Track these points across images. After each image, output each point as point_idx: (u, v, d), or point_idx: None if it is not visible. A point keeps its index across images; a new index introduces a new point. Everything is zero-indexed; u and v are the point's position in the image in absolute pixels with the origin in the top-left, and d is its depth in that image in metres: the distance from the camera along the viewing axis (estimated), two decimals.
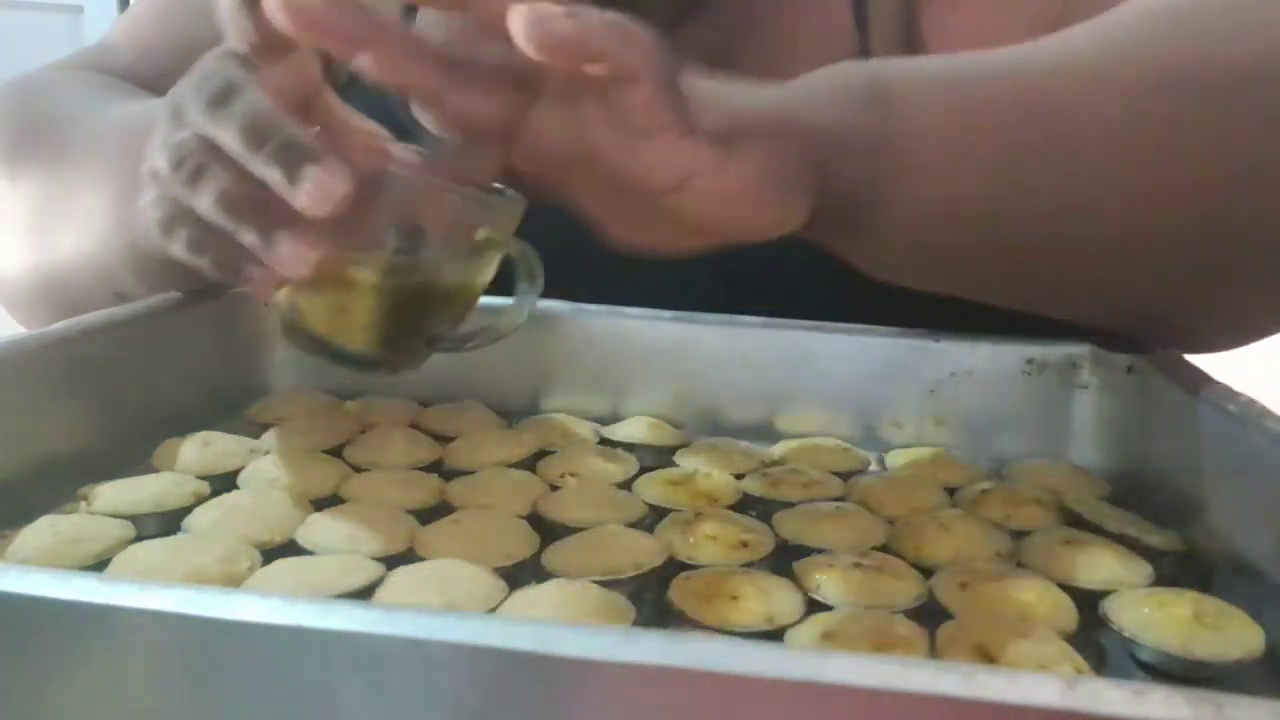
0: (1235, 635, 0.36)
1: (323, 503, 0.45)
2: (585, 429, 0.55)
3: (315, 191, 0.38)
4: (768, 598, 0.37)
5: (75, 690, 0.26)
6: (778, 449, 0.54)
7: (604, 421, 0.56)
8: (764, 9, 0.66)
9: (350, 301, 0.44)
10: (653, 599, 0.38)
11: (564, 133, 0.42)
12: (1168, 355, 0.51)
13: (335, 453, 0.51)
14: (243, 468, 0.48)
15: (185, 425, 0.51)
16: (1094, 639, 0.37)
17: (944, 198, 0.46)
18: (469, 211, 0.45)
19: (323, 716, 0.25)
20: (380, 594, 0.37)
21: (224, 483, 0.46)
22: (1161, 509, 0.47)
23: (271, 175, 0.39)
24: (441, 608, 0.36)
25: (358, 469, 0.49)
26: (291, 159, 0.39)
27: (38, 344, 0.46)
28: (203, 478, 0.46)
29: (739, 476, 0.50)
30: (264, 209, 0.40)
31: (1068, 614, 0.38)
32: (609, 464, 0.50)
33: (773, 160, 0.43)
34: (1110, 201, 0.46)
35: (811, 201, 0.44)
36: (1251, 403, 0.43)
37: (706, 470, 0.49)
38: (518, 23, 0.37)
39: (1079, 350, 0.55)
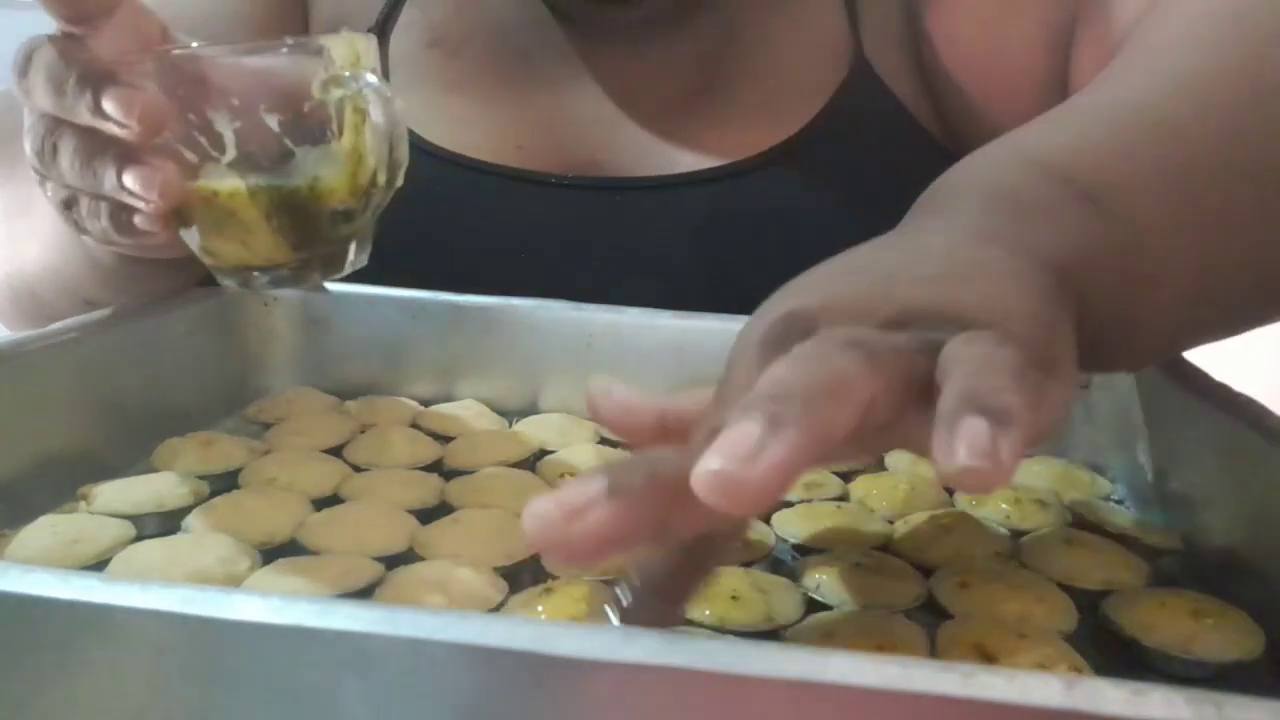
0: (1235, 635, 0.36)
1: (323, 502, 0.45)
2: (585, 429, 0.55)
3: (120, 109, 0.39)
4: (767, 597, 0.37)
5: (75, 690, 0.26)
6: None
7: None
8: (757, 8, 0.66)
9: (237, 217, 0.44)
10: None
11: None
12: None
13: (335, 452, 0.51)
14: (243, 467, 0.48)
15: (185, 425, 0.51)
16: (1094, 639, 0.37)
17: (1193, 279, 0.39)
18: (299, 68, 0.42)
19: (323, 716, 0.25)
20: (380, 594, 0.37)
21: (224, 482, 0.46)
22: (1162, 509, 0.48)
23: (80, 113, 0.40)
24: (441, 608, 0.36)
25: (358, 469, 0.49)
26: (93, 91, 0.39)
27: (38, 344, 0.46)
28: (203, 477, 0.46)
29: None
30: (105, 154, 0.41)
31: (1067, 614, 0.38)
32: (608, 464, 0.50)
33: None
34: None
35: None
36: (1251, 402, 0.43)
37: None
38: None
39: None
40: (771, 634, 0.36)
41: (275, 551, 0.40)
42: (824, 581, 0.39)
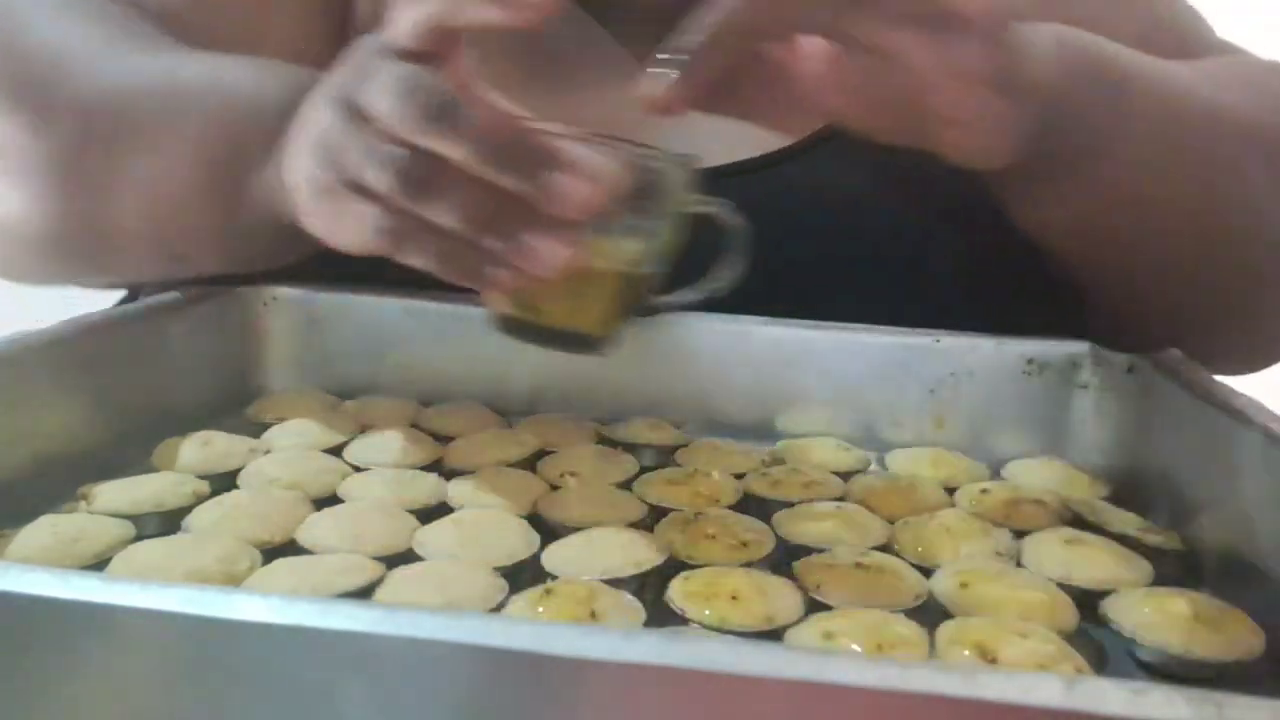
0: (1235, 635, 0.36)
1: (323, 502, 0.45)
2: (585, 429, 0.55)
3: (573, 195, 0.39)
4: (768, 597, 0.37)
5: (76, 689, 0.26)
6: (778, 449, 0.54)
7: (604, 421, 0.56)
8: None
9: (590, 287, 0.45)
10: (652, 599, 0.38)
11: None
12: (1168, 355, 0.51)
13: (335, 452, 0.51)
14: (242, 467, 0.48)
15: (185, 425, 0.51)
16: (1094, 639, 0.37)
17: (1149, 169, 0.52)
18: (673, 174, 0.45)
19: (323, 716, 0.25)
20: (380, 594, 0.37)
21: (224, 482, 0.46)
22: (1161, 509, 0.47)
23: (520, 186, 0.39)
24: (442, 607, 0.36)
25: (358, 468, 0.49)
26: (534, 166, 0.39)
27: (38, 344, 0.46)
28: (202, 477, 0.46)
29: (739, 476, 0.50)
30: (506, 214, 0.40)
31: (1068, 614, 0.38)
32: (609, 464, 0.50)
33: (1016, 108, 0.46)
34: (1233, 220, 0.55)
35: (1021, 138, 0.47)
36: (1251, 402, 0.43)
37: (706, 470, 0.49)
38: None
39: (1079, 350, 0.56)
40: (772, 634, 0.36)
41: (275, 551, 0.40)
42: (824, 581, 0.39)
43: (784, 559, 0.42)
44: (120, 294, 0.67)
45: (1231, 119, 0.55)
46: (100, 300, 0.58)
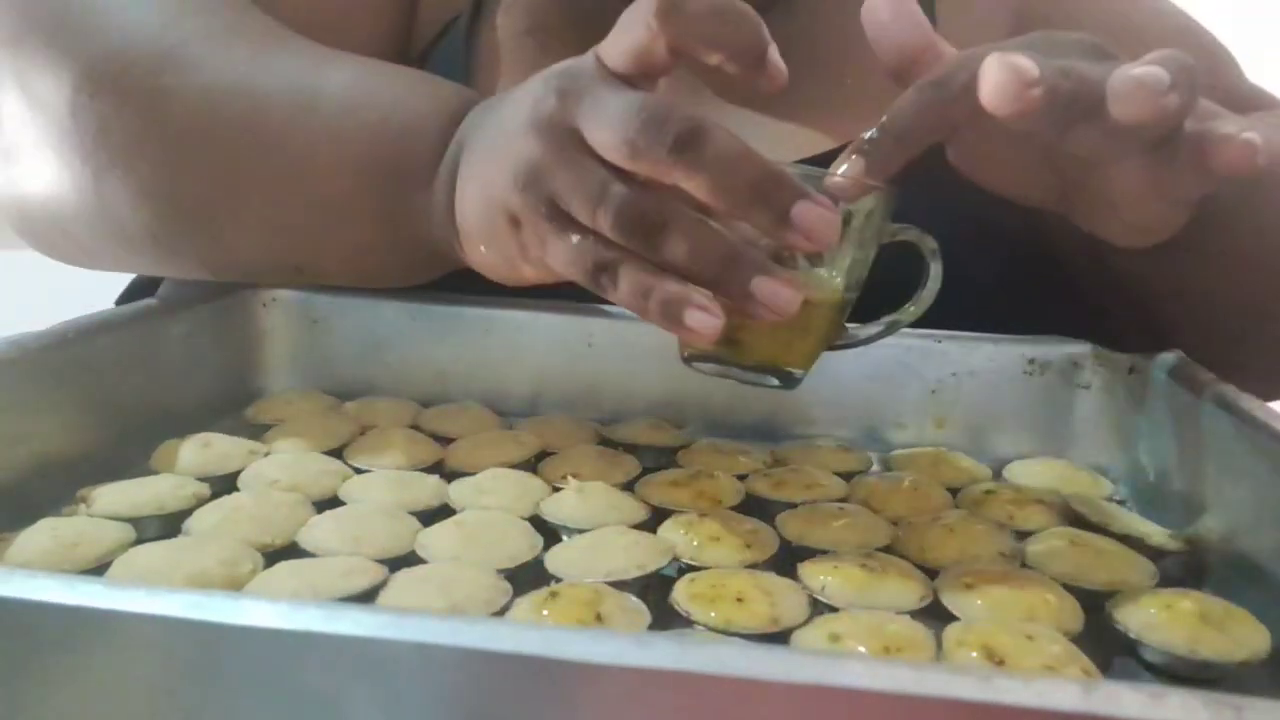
0: (1241, 636, 0.36)
1: (323, 504, 0.44)
2: (586, 430, 0.55)
3: (813, 231, 0.38)
4: (773, 599, 0.37)
5: (81, 696, 0.26)
6: (780, 450, 0.54)
7: (605, 422, 0.56)
8: (830, 4, 0.66)
9: (801, 325, 0.43)
10: (656, 601, 0.38)
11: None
12: (1169, 355, 0.51)
13: (336, 454, 0.50)
14: (242, 469, 0.47)
15: (185, 426, 0.51)
16: (1100, 640, 0.37)
17: (1256, 232, 0.52)
18: (880, 205, 0.44)
19: None
20: (384, 597, 0.37)
21: (224, 484, 0.46)
22: (1164, 509, 0.47)
23: (767, 222, 0.38)
24: (445, 610, 0.35)
25: (358, 470, 0.49)
26: (777, 199, 0.38)
27: (37, 345, 0.46)
28: (202, 479, 0.46)
29: (741, 478, 0.49)
30: (735, 256, 0.39)
31: (1073, 615, 0.38)
32: (610, 465, 0.50)
33: None
34: None
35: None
36: (1253, 402, 0.43)
37: (709, 471, 0.49)
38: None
39: (1080, 350, 0.56)
40: (777, 636, 0.36)
41: (276, 554, 0.40)
42: (829, 583, 0.39)
43: (788, 560, 0.41)
44: (119, 294, 0.67)
45: None
46: (100, 301, 0.58)
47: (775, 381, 0.46)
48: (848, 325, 0.48)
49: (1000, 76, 0.38)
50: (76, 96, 0.52)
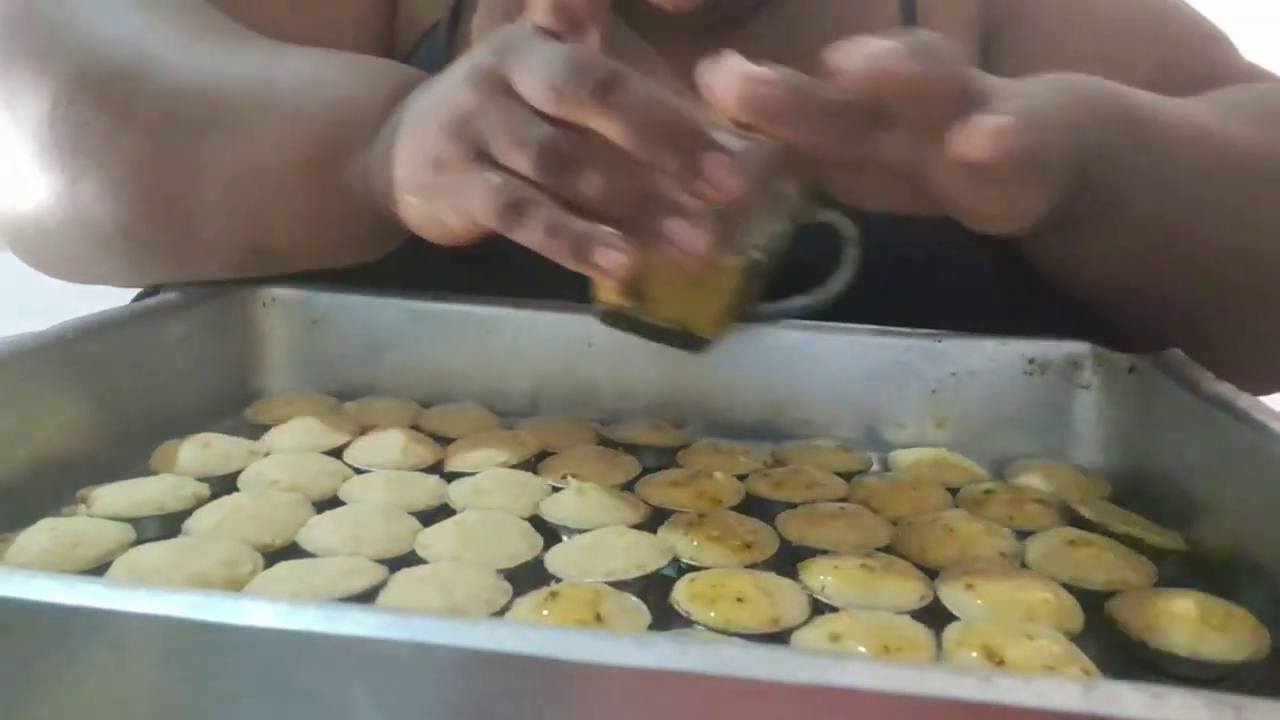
0: (1242, 636, 0.36)
1: (323, 504, 0.44)
2: (586, 430, 0.55)
3: (726, 180, 0.39)
4: (773, 599, 0.37)
5: (80, 696, 0.25)
6: (780, 450, 0.54)
7: (604, 422, 0.56)
8: (814, 9, 0.66)
9: (710, 284, 0.44)
10: (656, 601, 0.38)
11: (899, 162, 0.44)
12: (1169, 355, 0.51)
13: (335, 454, 0.50)
14: (242, 469, 0.47)
15: (184, 426, 0.51)
16: (1100, 640, 0.37)
17: (1175, 212, 0.52)
18: (785, 169, 0.44)
19: None
20: (384, 597, 0.37)
21: (223, 484, 0.46)
22: (1164, 509, 0.47)
23: (675, 165, 0.39)
24: (445, 610, 0.35)
25: (358, 470, 0.49)
26: (690, 146, 0.39)
27: (36, 345, 0.46)
28: (202, 479, 0.46)
29: (741, 478, 0.49)
30: (646, 194, 0.40)
31: (1073, 615, 0.38)
32: (610, 465, 0.50)
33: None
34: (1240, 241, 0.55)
35: (1050, 203, 0.47)
36: (1253, 401, 0.43)
37: (709, 471, 0.49)
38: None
39: (1080, 350, 0.56)
40: (777, 636, 0.36)
41: (276, 554, 0.40)
42: (829, 583, 0.39)
43: (788, 560, 0.41)
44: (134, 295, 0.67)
45: (1249, 149, 0.55)
46: (100, 301, 0.58)
47: (681, 344, 0.46)
48: (760, 304, 0.48)
49: (728, 80, 0.40)
50: (54, 110, 0.54)
